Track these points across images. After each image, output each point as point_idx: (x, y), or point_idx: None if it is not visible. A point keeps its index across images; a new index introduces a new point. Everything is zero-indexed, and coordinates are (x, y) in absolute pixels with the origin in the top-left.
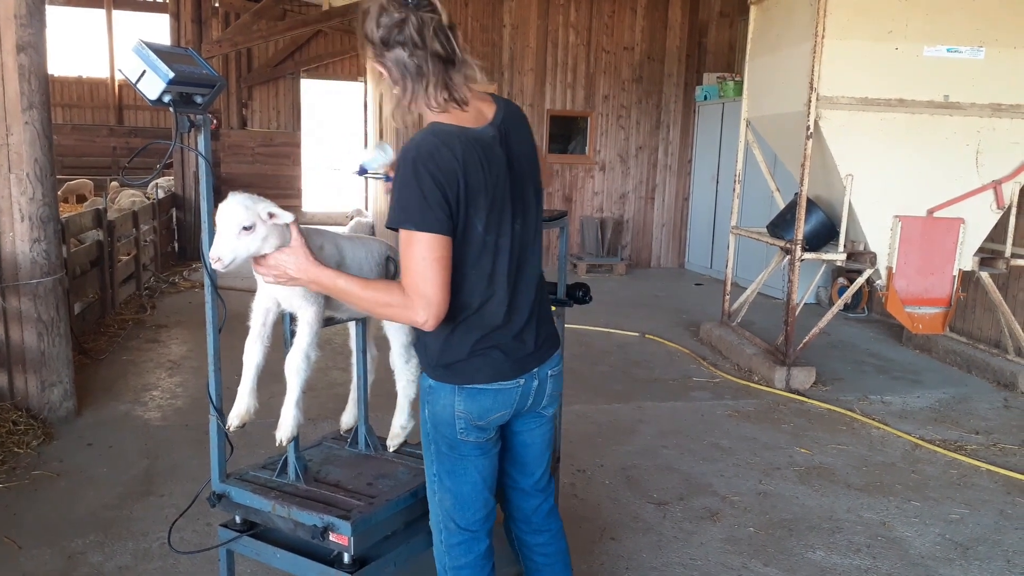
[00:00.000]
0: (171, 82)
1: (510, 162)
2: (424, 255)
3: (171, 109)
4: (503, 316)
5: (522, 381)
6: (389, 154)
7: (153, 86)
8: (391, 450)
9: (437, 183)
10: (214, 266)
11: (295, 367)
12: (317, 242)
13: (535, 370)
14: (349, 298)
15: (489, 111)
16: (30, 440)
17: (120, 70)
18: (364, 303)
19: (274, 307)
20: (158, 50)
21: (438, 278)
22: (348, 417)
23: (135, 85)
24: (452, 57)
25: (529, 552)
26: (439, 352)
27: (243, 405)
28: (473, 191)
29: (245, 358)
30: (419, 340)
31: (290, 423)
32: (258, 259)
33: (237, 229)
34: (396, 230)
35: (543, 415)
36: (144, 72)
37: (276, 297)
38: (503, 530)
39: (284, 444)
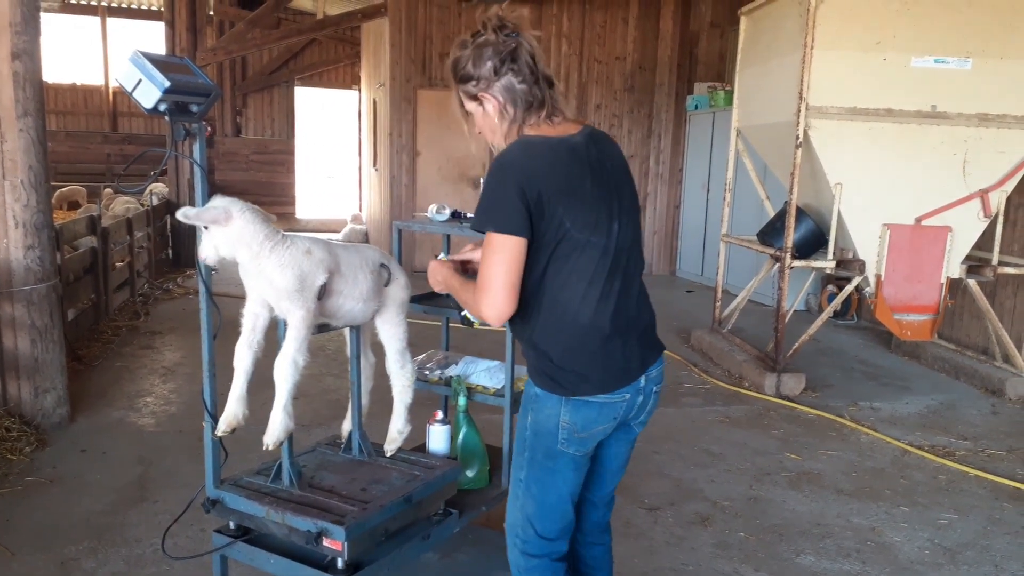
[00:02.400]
0: (167, 91)
1: (600, 164)
2: (496, 255)
3: (166, 118)
4: (608, 318)
5: (627, 396)
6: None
7: (149, 95)
8: (388, 455)
9: (518, 187)
10: (201, 262)
11: (282, 373)
12: (305, 246)
13: (641, 381)
14: (458, 295)
15: (574, 129)
16: (23, 446)
17: (117, 79)
18: (463, 300)
19: (263, 312)
20: (154, 59)
21: (506, 278)
22: (349, 424)
23: (131, 94)
24: (552, 79)
25: (581, 565)
26: (547, 361)
27: (232, 411)
28: (558, 191)
29: (235, 363)
30: (527, 349)
31: (278, 427)
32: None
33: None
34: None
35: (634, 431)
36: (140, 81)
37: (266, 301)
38: None
39: (271, 448)
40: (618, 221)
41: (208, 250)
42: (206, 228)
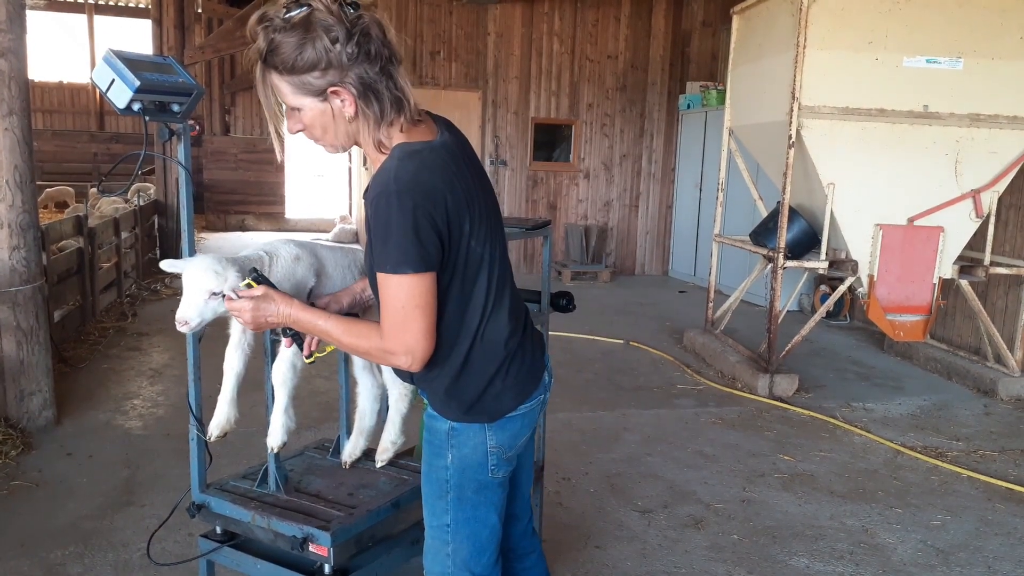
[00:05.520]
0: (138, 90)
1: (474, 164)
2: (405, 300)
3: (144, 118)
4: (510, 328)
5: (541, 396)
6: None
7: (121, 95)
8: (378, 465)
9: (427, 214)
10: (180, 329)
11: (281, 377)
12: (293, 252)
13: (545, 378)
14: (330, 340)
15: (434, 126)
16: (9, 450)
17: (92, 78)
18: (345, 347)
19: None
20: (128, 59)
21: (421, 324)
22: (352, 448)
23: (105, 94)
24: (399, 56)
25: None
26: (462, 393)
27: (223, 415)
28: (459, 207)
29: (225, 367)
30: (427, 383)
31: (279, 430)
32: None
33: (206, 295)
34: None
35: (534, 430)
36: (113, 81)
37: None
38: None
39: (275, 450)
40: (498, 224)
41: (205, 313)
42: (216, 294)
